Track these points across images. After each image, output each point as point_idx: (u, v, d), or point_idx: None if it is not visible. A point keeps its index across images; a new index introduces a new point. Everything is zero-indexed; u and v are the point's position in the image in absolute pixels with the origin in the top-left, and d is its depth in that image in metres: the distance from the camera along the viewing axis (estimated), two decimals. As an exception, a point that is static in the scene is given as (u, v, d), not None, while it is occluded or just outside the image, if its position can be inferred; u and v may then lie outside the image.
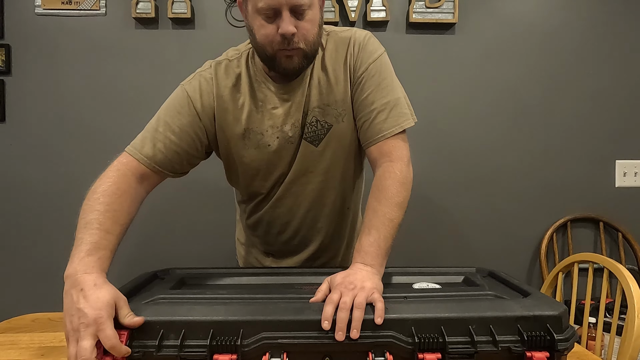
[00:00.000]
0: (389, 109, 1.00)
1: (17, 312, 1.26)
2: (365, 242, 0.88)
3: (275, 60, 0.95)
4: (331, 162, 1.08)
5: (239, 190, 1.20)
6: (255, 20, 0.93)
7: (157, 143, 0.99)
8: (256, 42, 0.96)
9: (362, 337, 0.72)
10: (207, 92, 1.02)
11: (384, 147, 0.99)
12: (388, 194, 0.92)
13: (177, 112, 1.01)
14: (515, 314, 0.73)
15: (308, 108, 1.03)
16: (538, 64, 2.01)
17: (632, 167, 2.05)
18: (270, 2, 0.88)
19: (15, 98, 1.93)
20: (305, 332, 0.72)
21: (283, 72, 0.98)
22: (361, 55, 1.03)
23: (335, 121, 1.04)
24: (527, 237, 2.05)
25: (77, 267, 0.76)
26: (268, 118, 1.03)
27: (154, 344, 0.71)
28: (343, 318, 0.71)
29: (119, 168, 0.95)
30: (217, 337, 0.71)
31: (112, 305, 0.71)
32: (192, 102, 1.01)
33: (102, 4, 1.92)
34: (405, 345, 0.72)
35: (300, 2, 0.89)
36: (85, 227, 0.83)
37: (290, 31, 0.90)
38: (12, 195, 1.95)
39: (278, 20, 0.90)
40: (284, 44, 0.92)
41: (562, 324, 0.74)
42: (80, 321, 0.69)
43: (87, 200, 0.89)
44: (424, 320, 0.73)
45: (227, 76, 1.04)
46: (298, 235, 1.17)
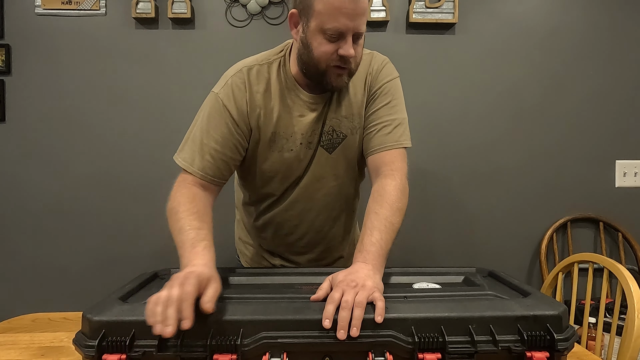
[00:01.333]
0: (394, 125, 1.08)
1: (17, 312, 1.26)
2: (367, 242, 0.91)
3: (325, 76, 1.03)
4: (342, 169, 1.16)
5: (248, 192, 1.24)
6: (316, 37, 1.00)
7: (205, 155, 1.06)
8: (311, 56, 1.02)
9: (362, 336, 0.72)
10: (240, 98, 1.07)
11: (386, 157, 1.06)
12: (390, 199, 0.98)
13: (216, 122, 1.07)
14: (515, 313, 0.73)
15: (327, 117, 1.11)
16: (538, 64, 2.01)
17: (632, 167, 2.05)
18: (340, 27, 0.96)
19: (15, 98, 1.93)
20: (305, 332, 0.72)
21: (331, 87, 1.06)
22: (378, 75, 1.12)
23: (350, 133, 1.13)
24: (527, 237, 2.05)
25: (189, 257, 0.87)
26: (295, 124, 1.10)
27: (154, 344, 0.71)
28: (344, 317, 0.72)
29: (184, 185, 1.05)
30: (217, 337, 0.71)
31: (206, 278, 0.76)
32: (228, 110, 1.07)
33: (102, 4, 1.92)
34: (405, 345, 0.71)
35: (362, 30, 0.99)
36: (180, 233, 0.94)
37: (352, 54, 0.99)
38: (12, 195, 1.95)
39: (340, 42, 0.99)
40: (341, 62, 1.01)
41: (562, 324, 0.74)
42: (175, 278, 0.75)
43: (169, 217, 0.99)
44: (424, 320, 0.73)
45: (259, 81, 1.09)
46: (305, 237, 1.22)
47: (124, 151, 1.95)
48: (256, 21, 1.95)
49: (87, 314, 0.74)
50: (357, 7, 0.96)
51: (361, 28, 0.99)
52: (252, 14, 1.95)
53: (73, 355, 0.90)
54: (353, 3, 0.95)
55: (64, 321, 1.15)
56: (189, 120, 1.97)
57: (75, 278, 1.96)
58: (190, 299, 0.71)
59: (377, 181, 1.04)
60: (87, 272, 1.96)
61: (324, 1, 0.96)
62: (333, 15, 0.95)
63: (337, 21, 0.96)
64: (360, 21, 0.98)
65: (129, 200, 1.96)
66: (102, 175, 1.95)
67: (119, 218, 1.96)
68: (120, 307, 0.77)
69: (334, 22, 0.96)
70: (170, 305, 0.69)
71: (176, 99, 1.95)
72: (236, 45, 1.95)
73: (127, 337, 0.71)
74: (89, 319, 0.73)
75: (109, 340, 0.71)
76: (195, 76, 1.95)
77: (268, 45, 1.94)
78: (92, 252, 1.96)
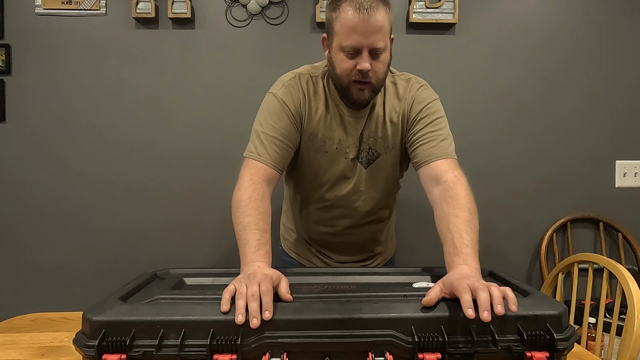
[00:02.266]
0: (441, 139, 1.17)
1: (17, 312, 1.26)
2: (460, 244, 0.93)
3: (348, 91, 1.14)
4: (378, 183, 1.27)
5: (292, 187, 1.37)
6: (338, 55, 1.11)
7: (271, 145, 1.15)
8: (335, 73, 1.14)
9: (362, 336, 0.72)
10: (295, 97, 1.19)
11: (443, 165, 1.13)
12: (466, 203, 1.03)
13: (277, 117, 1.17)
14: (515, 313, 0.73)
15: (364, 136, 1.23)
16: (538, 64, 2.01)
17: (632, 167, 2.05)
18: (354, 44, 1.06)
19: (15, 98, 1.93)
20: (305, 332, 0.72)
21: (354, 101, 1.16)
22: (418, 98, 1.22)
23: (384, 152, 1.24)
24: (527, 237, 2.05)
25: (252, 257, 0.92)
26: (333, 130, 1.21)
27: (154, 344, 0.71)
28: (486, 298, 0.72)
29: (252, 177, 1.10)
30: (217, 337, 0.71)
31: (277, 276, 0.84)
32: (287, 106, 1.18)
33: (102, 4, 1.92)
34: (405, 344, 0.72)
35: (378, 46, 1.07)
36: (245, 230, 0.98)
37: (367, 68, 1.08)
38: (12, 195, 1.95)
39: (358, 58, 1.08)
40: (359, 76, 1.10)
41: (562, 324, 0.74)
42: (250, 275, 0.82)
43: (237, 208, 1.03)
44: (424, 320, 0.73)
45: (308, 86, 1.21)
46: (340, 238, 1.35)
47: (124, 151, 1.95)
48: (256, 21, 1.95)
49: (87, 314, 0.74)
50: (369, 25, 1.04)
51: (377, 44, 1.07)
52: (252, 14, 1.95)
53: (73, 355, 0.90)
54: (365, 22, 1.04)
55: (64, 321, 1.15)
56: (189, 119, 1.98)
57: (76, 278, 1.96)
58: (271, 293, 0.77)
59: (441, 187, 1.09)
60: (87, 272, 1.96)
61: (340, 22, 1.07)
62: (348, 34, 1.06)
63: (351, 39, 1.06)
64: (374, 38, 1.06)
65: (129, 200, 1.96)
66: (102, 175, 1.95)
67: (119, 218, 1.96)
68: (120, 307, 0.77)
69: (349, 40, 1.06)
70: (255, 300, 0.75)
71: (176, 99, 1.95)
72: (236, 45, 1.95)
73: (127, 337, 0.71)
74: (89, 319, 0.73)
75: (109, 340, 0.71)
76: (195, 76, 1.95)
77: (268, 45, 1.96)
78: (92, 252, 1.96)
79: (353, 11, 1.05)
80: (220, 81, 1.95)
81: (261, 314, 0.73)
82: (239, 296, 0.76)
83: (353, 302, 0.77)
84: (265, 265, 0.89)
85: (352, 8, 1.05)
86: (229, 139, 1.94)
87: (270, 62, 1.94)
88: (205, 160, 1.96)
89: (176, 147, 1.96)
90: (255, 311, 0.73)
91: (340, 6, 1.07)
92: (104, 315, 0.74)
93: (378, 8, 1.05)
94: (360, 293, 0.86)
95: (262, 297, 0.76)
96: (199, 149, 1.96)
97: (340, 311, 0.74)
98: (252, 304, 0.74)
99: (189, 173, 1.96)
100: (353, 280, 1.05)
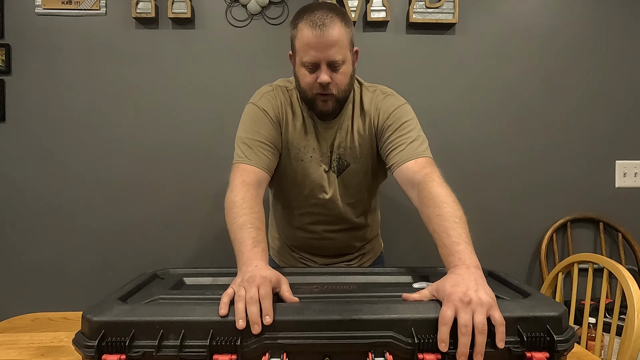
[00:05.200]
0: (409, 142, 1.19)
1: (17, 312, 1.26)
2: (449, 242, 0.90)
3: (314, 103, 1.19)
4: (351, 190, 1.31)
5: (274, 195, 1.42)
6: (300, 70, 1.17)
7: (258, 149, 1.19)
8: (300, 87, 1.20)
9: (361, 337, 0.72)
10: (274, 106, 1.25)
11: (413, 166, 1.14)
12: (442, 198, 1.01)
13: (261, 123, 1.22)
14: (514, 314, 0.73)
15: (334, 146, 1.27)
16: (538, 64, 2.01)
17: (632, 167, 2.05)
18: (312, 59, 1.12)
19: (15, 98, 1.93)
20: (305, 332, 0.72)
21: (319, 113, 1.22)
22: (383, 108, 1.24)
23: (353, 161, 1.28)
24: (527, 237, 2.05)
25: (249, 255, 0.91)
26: (307, 139, 1.27)
27: (154, 344, 0.71)
28: (466, 343, 0.70)
29: (243, 179, 1.12)
30: (216, 338, 0.71)
31: (276, 278, 0.83)
32: (268, 113, 1.23)
33: (102, 4, 1.92)
34: (405, 345, 0.72)
35: (335, 59, 1.12)
36: (241, 229, 0.98)
37: (326, 80, 1.13)
38: (12, 195, 1.95)
39: (318, 72, 1.14)
40: (321, 89, 1.15)
41: (562, 325, 0.74)
42: (250, 278, 0.81)
43: (231, 209, 1.04)
44: (424, 321, 0.73)
45: (285, 98, 1.27)
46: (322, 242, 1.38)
47: (124, 151, 1.95)
48: (256, 21, 1.95)
49: (87, 314, 0.74)
50: (325, 40, 1.10)
51: (334, 57, 1.11)
52: (252, 14, 1.95)
53: (73, 355, 0.90)
54: (320, 37, 1.10)
55: (64, 321, 1.15)
56: (189, 119, 1.98)
57: (75, 278, 1.96)
58: (270, 297, 0.77)
59: (416, 189, 1.09)
60: (86, 272, 1.96)
61: (299, 39, 1.14)
62: (306, 50, 1.12)
63: (309, 54, 1.12)
64: (330, 52, 1.11)
65: (129, 200, 1.96)
66: (102, 175, 1.95)
67: (119, 218, 1.96)
68: (120, 308, 0.77)
69: (307, 56, 1.12)
70: (254, 304, 0.74)
71: (176, 99, 1.95)
72: (236, 45, 1.95)
73: (126, 337, 0.71)
74: (89, 319, 0.73)
75: (109, 340, 0.71)
76: (195, 76, 1.95)
77: (268, 45, 1.96)
78: (92, 252, 1.96)
79: (308, 29, 1.10)
80: (220, 81, 1.95)
81: (261, 317, 0.73)
82: (238, 299, 0.76)
83: (353, 303, 0.77)
84: (263, 265, 0.87)
85: (307, 26, 1.11)
86: (229, 139, 1.92)
87: (270, 62, 1.94)
88: (205, 160, 1.96)
89: (176, 147, 1.96)
90: (256, 315, 0.73)
91: (298, 25, 1.13)
92: (104, 315, 0.74)
93: (333, 24, 1.10)
94: (360, 293, 0.86)
95: (261, 301, 0.75)
96: (200, 149, 1.96)
97: (340, 312, 0.74)
98: (251, 308, 0.74)
99: (189, 173, 1.96)
100: (353, 280, 1.05)
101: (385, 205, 1.69)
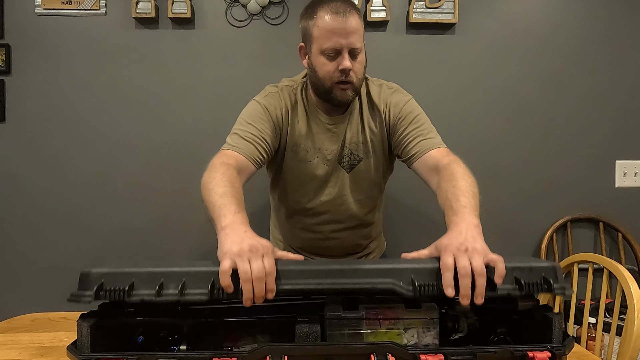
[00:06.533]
0: (427, 132, 1.21)
1: (17, 312, 1.26)
2: (458, 206, 0.91)
3: (331, 93, 1.19)
4: (362, 186, 1.33)
5: (278, 198, 1.41)
6: (319, 59, 1.17)
7: (249, 141, 1.17)
8: (318, 76, 1.19)
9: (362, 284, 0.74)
10: (277, 106, 1.25)
11: (436, 154, 1.16)
12: (462, 175, 1.02)
13: (258, 118, 1.22)
14: (511, 265, 0.75)
15: (346, 141, 1.28)
16: (538, 64, 2.01)
17: (632, 167, 2.05)
18: (334, 45, 1.13)
19: (15, 98, 1.93)
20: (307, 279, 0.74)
21: (337, 102, 1.21)
22: (393, 103, 1.26)
23: (365, 156, 1.29)
24: (527, 237, 2.05)
25: (233, 218, 0.86)
26: (314, 140, 1.27)
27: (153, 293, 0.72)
28: (467, 285, 0.72)
29: (223, 161, 1.09)
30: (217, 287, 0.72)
31: (270, 246, 0.79)
32: (269, 111, 1.23)
33: (102, 4, 1.92)
34: (406, 292, 0.73)
35: (357, 46, 1.14)
36: (222, 196, 0.94)
37: (349, 67, 1.14)
38: (12, 195, 1.95)
39: (339, 59, 1.15)
40: (342, 77, 1.15)
41: (556, 275, 0.75)
42: (251, 248, 0.76)
43: (209, 182, 1.00)
44: (423, 270, 0.76)
45: (289, 98, 1.27)
46: (329, 242, 1.38)
47: (124, 151, 1.95)
48: (256, 21, 1.95)
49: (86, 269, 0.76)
50: (347, 26, 1.12)
51: (355, 44, 1.14)
52: (252, 14, 1.95)
53: (73, 356, 0.90)
54: (343, 23, 1.11)
55: (64, 321, 1.15)
56: (188, 119, 1.98)
57: (75, 278, 1.94)
58: (274, 272, 0.74)
59: (443, 168, 1.08)
60: (87, 272, 1.95)
61: (318, 27, 1.14)
62: (328, 37, 1.13)
63: (331, 40, 1.13)
64: (352, 38, 1.13)
65: (129, 200, 1.96)
66: (102, 175, 1.95)
67: (119, 218, 1.96)
68: (120, 261, 0.79)
69: (329, 42, 1.13)
70: (261, 282, 0.72)
71: (176, 99, 1.95)
72: (236, 45, 1.95)
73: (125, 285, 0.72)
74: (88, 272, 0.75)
75: (107, 289, 0.72)
76: (195, 76, 1.95)
77: (268, 45, 1.96)
78: (92, 252, 1.96)
79: (330, 15, 1.12)
80: (220, 81, 1.95)
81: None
82: (244, 277, 0.72)
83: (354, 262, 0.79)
84: (252, 232, 0.82)
85: (329, 13, 1.13)
86: (229, 139, 1.93)
87: (270, 62, 1.93)
88: (205, 160, 1.94)
89: (176, 147, 1.96)
90: (261, 292, 0.72)
91: (317, 13, 1.15)
92: (103, 268, 0.75)
93: (352, 13, 1.13)
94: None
95: (267, 277, 0.73)
96: (200, 149, 1.95)
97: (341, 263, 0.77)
98: (259, 286, 0.72)
99: (189, 173, 1.96)
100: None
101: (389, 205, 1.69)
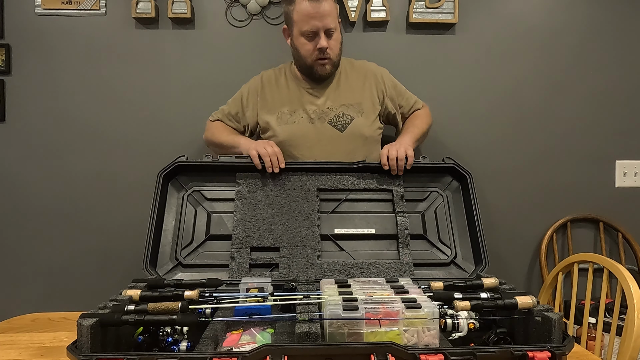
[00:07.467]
0: (411, 94, 1.72)
1: (17, 312, 1.26)
2: (405, 131, 1.58)
3: (313, 69, 1.49)
4: (356, 145, 1.53)
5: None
6: (299, 40, 1.46)
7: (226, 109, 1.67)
8: (300, 55, 1.49)
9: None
10: (254, 87, 1.62)
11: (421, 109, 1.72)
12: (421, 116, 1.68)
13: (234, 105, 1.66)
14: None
15: (333, 104, 1.55)
16: (538, 64, 2.01)
17: (632, 167, 2.05)
18: (311, 27, 1.41)
19: (15, 98, 1.93)
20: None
21: (319, 77, 1.52)
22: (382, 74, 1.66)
23: (357, 115, 1.55)
24: (527, 237, 2.05)
25: (244, 138, 1.53)
26: (298, 103, 1.55)
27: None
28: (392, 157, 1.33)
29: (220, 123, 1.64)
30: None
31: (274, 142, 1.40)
32: (243, 96, 1.64)
33: (102, 4, 1.92)
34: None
35: (331, 27, 1.43)
36: (231, 135, 1.57)
37: (325, 45, 1.43)
38: (12, 195, 1.95)
39: (316, 39, 1.43)
40: (320, 54, 1.45)
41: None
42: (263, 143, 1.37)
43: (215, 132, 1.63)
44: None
45: (274, 74, 1.63)
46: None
47: (124, 151, 1.95)
48: (256, 21, 1.95)
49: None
50: (321, 10, 1.38)
51: (329, 25, 1.41)
52: (252, 14, 1.95)
53: (73, 356, 0.89)
54: (317, 7, 1.38)
55: (64, 321, 1.15)
56: (188, 119, 1.98)
57: (75, 278, 1.95)
58: (281, 152, 1.35)
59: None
60: (87, 272, 1.95)
61: (297, 12, 1.41)
62: (305, 21, 1.40)
63: (309, 24, 1.40)
64: (327, 20, 1.40)
65: (129, 200, 1.96)
66: (102, 175, 1.95)
67: (119, 218, 1.96)
68: None
69: (307, 25, 1.40)
70: (277, 154, 1.33)
71: (176, 99, 1.95)
72: (236, 45, 1.95)
73: None
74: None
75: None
76: (195, 76, 1.95)
77: (268, 45, 1.96)
78: (92, 252, 1.96)
79: (307, 2, 1.39)
80: (220, 81, 1.95)
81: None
82: (264, 153, 1.31)
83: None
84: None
85: (305, 0, 1.39)
86: (229, 139, 1.93)
87: (270, 62, 1.93)
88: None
89: (176, 147, 1.96)
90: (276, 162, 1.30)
91: (296, 0, 1.41)
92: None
93: None
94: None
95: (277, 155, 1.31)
96: (200, 149, 1.95)
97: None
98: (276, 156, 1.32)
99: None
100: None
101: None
